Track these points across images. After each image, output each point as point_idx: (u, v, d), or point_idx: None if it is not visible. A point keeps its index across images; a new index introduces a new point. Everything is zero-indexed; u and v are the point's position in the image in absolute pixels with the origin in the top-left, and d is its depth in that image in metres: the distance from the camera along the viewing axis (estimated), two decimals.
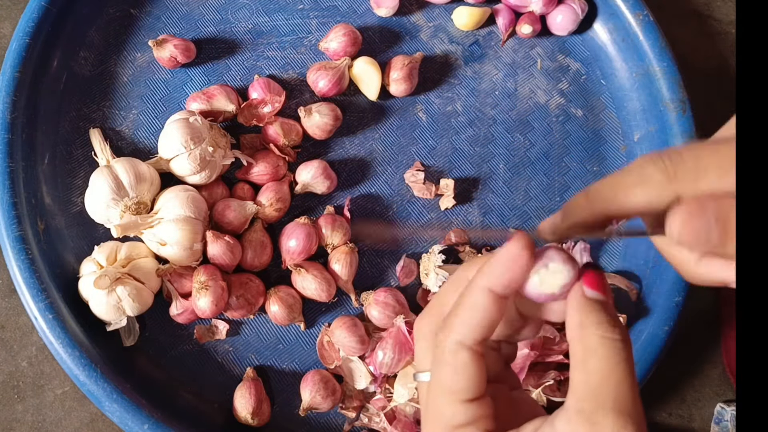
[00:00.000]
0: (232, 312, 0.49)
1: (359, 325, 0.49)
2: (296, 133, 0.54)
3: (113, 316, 0.47)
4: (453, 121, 0.57)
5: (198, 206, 0.49)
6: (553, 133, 0.57)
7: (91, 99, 0.55)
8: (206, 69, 0.56)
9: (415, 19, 0.59)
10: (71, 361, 0.45)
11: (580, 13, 0.57)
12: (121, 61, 0.56)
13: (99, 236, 0.51)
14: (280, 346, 0.51)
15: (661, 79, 0.55)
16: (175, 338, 0.51)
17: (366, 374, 0.49)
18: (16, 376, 0.52)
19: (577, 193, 0.27)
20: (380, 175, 0.55)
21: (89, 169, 0.51)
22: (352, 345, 0.48)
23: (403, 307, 0.50)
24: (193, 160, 0.49)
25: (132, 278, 0.47)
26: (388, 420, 0.48)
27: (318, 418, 0.50)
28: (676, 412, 0.54)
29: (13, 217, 0.48)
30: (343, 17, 0.59)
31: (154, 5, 0.58)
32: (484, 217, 0.55)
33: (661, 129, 0.55)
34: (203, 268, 0.48)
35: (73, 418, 0.51)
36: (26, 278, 0.47)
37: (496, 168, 0.56)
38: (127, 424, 0.44)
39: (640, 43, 0.56)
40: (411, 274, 0.53)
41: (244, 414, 0.48)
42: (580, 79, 0.59)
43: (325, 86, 0.54)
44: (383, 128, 0.56)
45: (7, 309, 0.53)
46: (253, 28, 0.58)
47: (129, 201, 0.48)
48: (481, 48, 0.59)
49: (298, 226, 0.51)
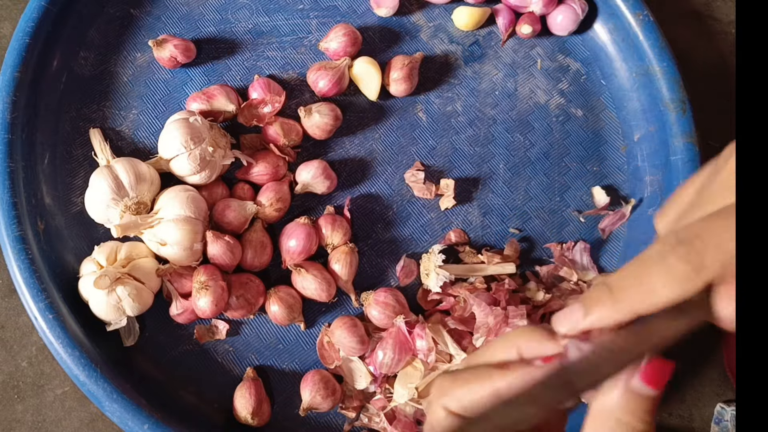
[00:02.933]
0: (232, 312, 0.49)
1: (359, 325, 0.49)
2: (296, 133, 0.54)
3: (113, 316, 0.47)
4: (453, 121, 0.57)
5: (198, 206, 0.49)
6: (553, 133, 0.57)
7: (91, 99, 0.55)
8: (206, 69, 0.56)
9: (415, 19, 0.59)
10: (71, 361, 0.45)
11: (580, 13, 0.57)
12: (121, 61, 0.56)
13: (99, 236, 0.51)
14: (280, 346, 0.51)
15: (661, 79, 0.55)
16: (175, 338, 0.51)
17: (366, 374, 0.49)
18: (16, 376, 0.52)
19: (596, 286, 0.25)
20: (380, 175, 0.55)
21: (89, 169, 0.51)
22: (352, 345, 0.48)
23: (403, 307, 0.50)
24: (193, 160, 0.49)
25: (132, 278, 0.47)
26: (388, 420, 0.48)
27: (318, 418, 0.50)
28: (676, 412, 0.54)
29: (13, 217, 0.48)
30: (343, 17, 0.59)
31: (154, 5, 0.58)
32: (484, 217, 0.55)
33: (661, 129, 0.55)
34: (203, 268, 0.48)
35: (73, 418, 0.51)
36: (26, 278, 0.47)
37: (496, 168, 0.56)
38: (127, 424, 0.44)
39: (640, 43, 0.56)
40: (411, 274, 0.53)
41: (244, 414, 0.48)
42: (580, 79, 0.59)
43: (325, 86, 0.54)
44: (383, 128, 0.56)
45: (7, 309, 0.53)
46: (253, 28, 0.58)
47: (129, 201, 0.48)
48: (481, 48, 0.59)
49: (298, 226, 0.51)
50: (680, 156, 0.53)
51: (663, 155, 0.54)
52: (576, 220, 0.56)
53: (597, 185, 0.56)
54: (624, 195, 0.56)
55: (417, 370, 0.48)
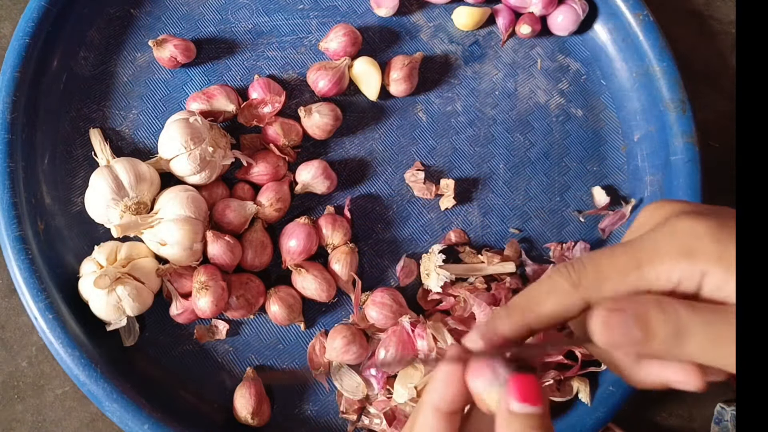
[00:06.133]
0: (232, 312, 0.49)
1: (356, 333, 0.49)
2: (296, 133, 0.54)
3: (113, 316, 0.47)
4: (453, 121, 0.57)
5: (198, 206, 0.49)
6: (553, 133, 0.57)
7: (91, 99, 0.55)
8: (206, 69, 0.56)
9: (415, 19, 0.59)
10: (71, 361, 0.45)
11: (581, 13, 0.57)
12: (121, 61, 0.56)
13: (99, 236, 0.51)
14: (280, 346, 0.51)
15: (661, 79, 0.55)
16: (175, 338, 0.51)
17: (362, 385, 0.49)
18: (16, 376, 0.52)
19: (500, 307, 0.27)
20: (380, 175, 0.55)
21: (89, 169, 0.51)
22: (349, 358, 0.49)
23: (402, 307, 0.50)
24: (193, 160, 0.49)
25: (132, 278, 0.47)
26: (388, 421, 0.48)
27: (318, 419, 0.50)
28: (676, 412, 0.54)
29: (13, 217, 0.48)
30: (343, 17, 0.59)
31: (154, 5, 0.58)
32: (484, 217, 0.55)
33: (661, 129, 0.55)
34: (203, 268, 0.48)
35: (73, 418, 0.51)
36: (26, 278, 0.47)
37: (496, 168, 0.56)
38: (127, 424, 0.44)
39: (640, 43, 0.56)
40: (411, 274, 0.53)
41: (244, 414, 0.48)
42: (580, 79, 0.59)
43: (325, 86, 0.54)
44: (383, 128, 0.56)
45: (7, 309, 0.53)
46: (253, 28, 0.58)
47: (129, 201, 0.48)
48: (481, 48, 0.59)
49: (298, 226, 0.51)
50: (680, 156, 0.53)
51: (663, 155, 0.54)
52: (576, 220, 0.56)
53: (597, 185, 0.56)
54: (624, 195, 0.56)
55: (417, 370, 0.48)
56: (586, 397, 0.48)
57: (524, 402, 0.24)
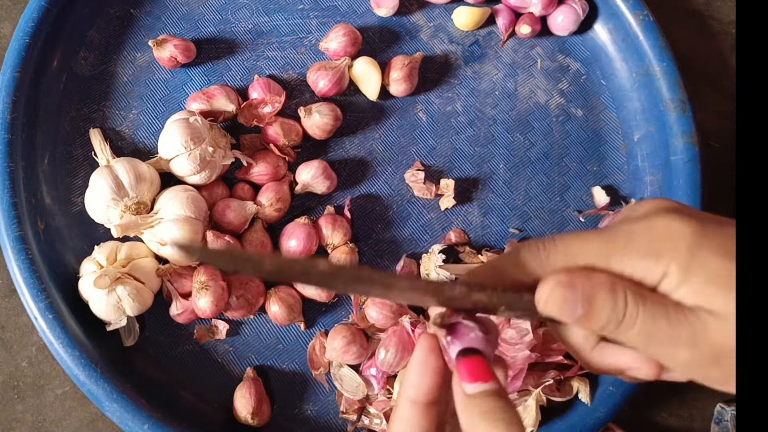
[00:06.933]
0: (232, 312, 0.49)
1: (356, 333, 0.49)
2: (296, 133, 0.54)
3: (113, 316, 0.47)
4: (453, 121, 0.57)
5: (198, 206, 0.49)
6: (553, 133, 0.57)
7: (91, 99, 0.55)
8: (206, 69, 0.56)
9: (415, 19, 0.59)
10: (71, 361, 0.45)
11: (581, 13, 0.57)
12: (121, 61, 0.56)
13: (99, 236, 0.51)
14: (280, 346, 0.51)
15: (661, 79, 0.55)
16: (175, 338, 0.51)
17: (362, 385, 0.49)
18: (16, 376, 0.52)
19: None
20: (380, 175, 0.55)
21: (89, 169, 0.51)
22: (349, 358, 0.49)
23: (402, 306, 0.50)
24: (193, 160, 0.49)
25: (132, 278, 0.47)
26: (388, 421, 0.48)
27: (318, 419, 0.50)
28: (676, 412, 0.54)
29: (13, 217, 0.48)
30: (343, 17, 0.59)
31: (154, 5, 0.58)
32: (484, 217, 0.55)
33: (661, 129, 0.55)
34: (203, 268, 0.48)
35: (73, 418, 0.51)
36: (26, 278, 0.47)
37: (496, 168, 0.56)
38: (127, 424, 0.44)
39: (640, 43, 0.56)
40: (411, 274, 0.53)
41: (244, 414, 0.48)
42: (580, 79, 0.59)
43: (325, 86, 0.54)
44: (383, 128, 0.56)
45: (7, 309, 0.53)
46: (253, 28, 0.58)
47: (129, 201, 0.48)
48: (481, 48, 0.59)
49: (298, 226, 0.51)
50: (680, 156, 0.53)
51: (663, 155, 0.54)
52: (576, 220, 0.56)
53: (597, 185, 0.56)
54: (624, 195, 0.56)
55: None
56: (586, 397, 0.48)
57: (475, 381, 0.24)
